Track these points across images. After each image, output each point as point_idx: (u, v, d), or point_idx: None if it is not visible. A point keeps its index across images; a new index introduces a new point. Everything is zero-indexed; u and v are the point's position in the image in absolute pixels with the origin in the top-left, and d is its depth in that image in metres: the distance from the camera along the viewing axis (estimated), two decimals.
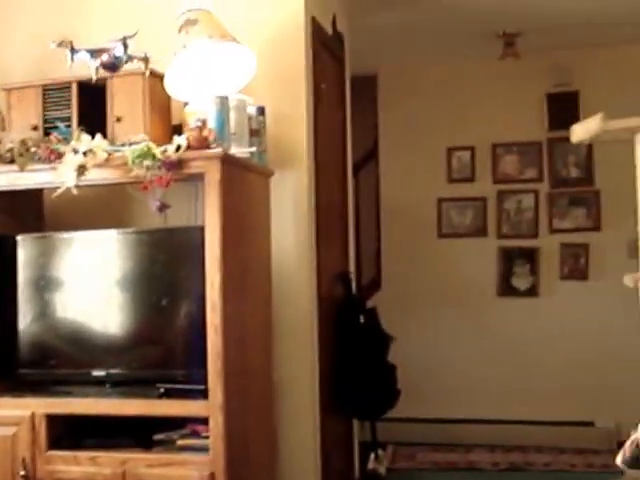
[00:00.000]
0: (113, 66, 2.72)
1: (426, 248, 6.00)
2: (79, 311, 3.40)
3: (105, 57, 2.65)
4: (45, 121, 3.42)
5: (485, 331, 5.85)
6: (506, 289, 5.89)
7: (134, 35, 3.14)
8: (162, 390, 3.14)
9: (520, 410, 5.65)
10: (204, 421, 3.06)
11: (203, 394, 3.03)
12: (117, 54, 2.74)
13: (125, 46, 3.05)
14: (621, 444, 4.84)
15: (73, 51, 3.02)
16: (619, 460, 2.35)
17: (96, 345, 3.34)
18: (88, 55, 3.00)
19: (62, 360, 3.37)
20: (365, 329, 4.35)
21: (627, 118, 3.10)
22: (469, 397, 5.78)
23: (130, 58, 3.16)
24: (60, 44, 3.17)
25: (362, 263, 5.99)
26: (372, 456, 4.81)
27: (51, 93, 3.43)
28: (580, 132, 3.24)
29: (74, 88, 3.39)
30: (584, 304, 5.73)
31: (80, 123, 3.31)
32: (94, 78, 3.17)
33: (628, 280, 2.92)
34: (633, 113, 3.18)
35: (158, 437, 3.19)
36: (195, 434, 3.16)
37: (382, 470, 4.82)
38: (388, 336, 4.45)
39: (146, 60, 3.18)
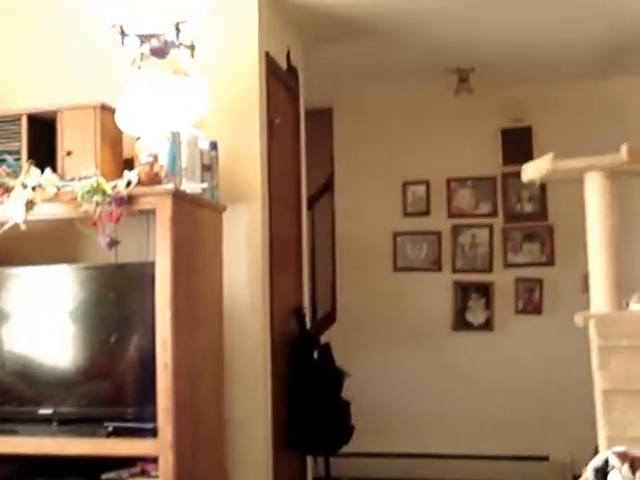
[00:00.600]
0: (162, 52, 2.69)
1: (381, 282, 6.04)
2: (27, 347, 3.37)
3: (155, 42, 2.60)
4: None
5: (440, 366, 5.88)
6: (461, 323, 5.94)
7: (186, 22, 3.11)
8: (110, 429, 3.12)
9: (475, 445, 5.68)
10: (154, 460, 3.05)
11: (153, 432, 3.02)
12: (168, 39, 2.70)
13: (178, 31, 3.01)
14: (576, 478, 4.88)
15: (123, 34, 2.99)
16: None
17: (44, 382, 3.31)
18: (138, 40, 2.96)
19: (8, 397, 3.33)
20: (319, 365, 4.36)
21: (576, 159, 3.18)
22: (424, 432, 5.79)
23: (180, 44, 3.11)
24: (113, 26, 3.13)
25: (317, 297, 6.02)
26: None
27: (0, 125, 3.43)
28: (531, 171, 3.32)
29: (24, 121, 3.40)
30: (538, 339, 5.79)
31: (30, 156, 3.31)
32: (138, 63, 3.12)
33: (578, 318, 2.98)
34: (585, 149, 3.27)
35: (107, 476, 3.16)
36: (145, 473, 3.14)
37: None
38: (342, 372, 4.47)
39: (192, 47, 3.14)
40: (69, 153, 3.36)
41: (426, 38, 4.80)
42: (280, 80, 4.27)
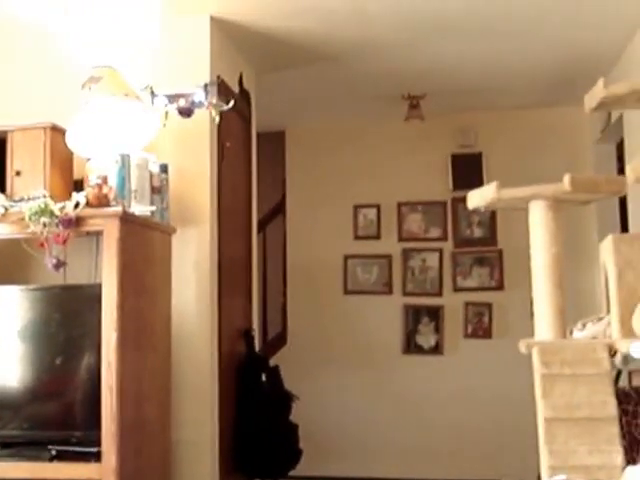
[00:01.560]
0: (189, 111, 2.71)
1: (332, 304, 6.08)
2: None
3: (182, 102, 2.62)
4: None
5: (390, 389, 5.92)
6: (411, 347, 5.99)
7: (217, 83, 3.09)
8: (54, 452, 3.11)
9: (424, 469, 5.71)
10: None
11: (97, 457, 3.02)
12: (196, 99, 2.71)
13: (206, 92, 3.02)
14: None
15: (153, 94, 2.99)
16: None
17: None
18: (166, 99, 2.97)
19: None
20: (267, 387, 4.38)
21: (519, 187, 3.26)
22: (373, 456, 5.82)
23: (208, 104, 3.12)
24: (145, 88, 3.14)
25: (268, 318, 6.05)
26: None
27: None
28: (476, 199, 3.38)
29: None
30: (488, 362, 5.85)
31: None
32: (164, 122, 3.10)
33: (522, 346, 3.04)
34: (533, 174, 3.36)
35: None
36: None
37: None
38: (290, 395, 4.48)
39: (220, 106, 3.09)
40: (18, 173, 3.37)
41: (378, 65, 4.87)
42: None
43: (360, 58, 4.72)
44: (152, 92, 3.15)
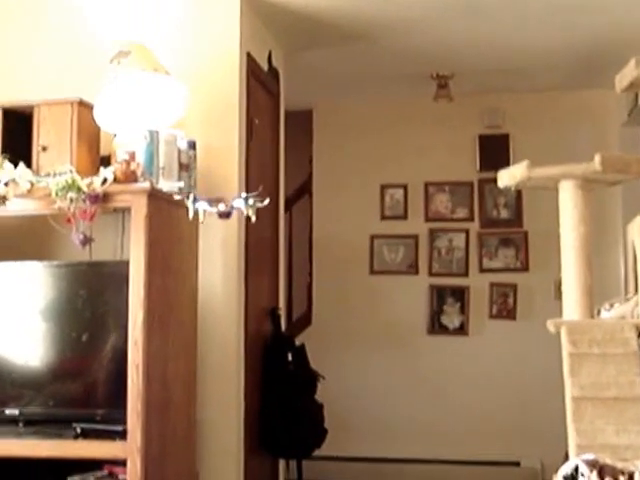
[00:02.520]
0: (228, 214, 2.70)
1: (358, 284, 5.97)
2: None
3: (222, 207, 2.60)
4: None
5: (414, 369, 5.82)
6: (436, 327, 5.89)
7: (258, 193, 2.98)
8: (78, 430, 3.02)
9: (447, 449, 5.62)
10: (122, 463, 2.95)
11: (122, 435, 2.93)
12: (235, 205, 2.68)
13: (246, 200, 2.92)
14: None
15: (195, 200, 2.91)
16: None
17: (10, 381, 3.20)
18: (206, 204, 2.90)
19: None
20: (293, 367, 4.28)
21: (550, 167, 3.15)
22: (397, 436, 5.73)
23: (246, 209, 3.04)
24: (180, 191, 3.14)
25: (293, 298, 5.95)
26: None
27: None
28: (506, 178, 3.27)
29: None
30: (512, 343, 5.75)
31: (3, 151, 3.20)
32: (201, 219, 3.09)
33: (550, 325, 2.94)
34: (560, 157, 3.23)
35: (73, 479, 3.06)
36: (112, 476, 3.05)
37: None
38: (316, 374, 4.39)
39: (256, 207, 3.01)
40: (44, 149, 3.26)
41: (407, 44, 4.74)
42: (260, 81, 4.19)
43: (389, 37, 4.58)
44: (195, 198, 3.06)
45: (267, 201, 3.01)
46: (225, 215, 2.61)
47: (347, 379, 5.71)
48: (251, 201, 2.52)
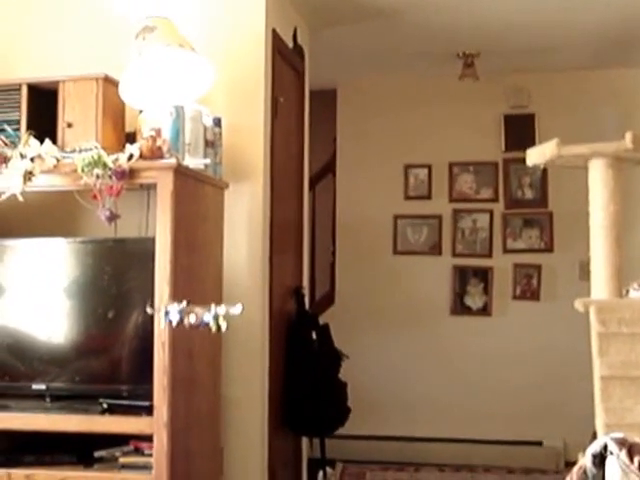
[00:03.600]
0: (198, 327, 2.66)
1: (381, 264, 5.93)
2: (21, 321, 3.26)
3: (193, 318, 2.55)
4: None
5: (437, 349, 5.79)
6: (459, 308, 5.84)
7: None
8: (105, 406, 3.02)
9: (469, 429, 5.60)
10: (148, 438, 2.95)
11: (148, 410, 2.92)
12: (205, 320, 2.63)
13: (215, 316, 2.81)
14: (569, 464, 4.83)
15: (167, 314, 2.84)
16: None
17: (37, 357, 3.20)
18: (178, 316, 2.83)
19: (0, 372, 3.21)
20: (317, 345, 4.26)
21: (581, 145, 3.10)
22: (419, 415, 5.71)
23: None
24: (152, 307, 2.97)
25: (316, 278, 5.92)
26: (320, 474, 4.72)
27: None
28: (535, 156, 3.23)
29: (24, 90, 3.26)
30: (535, 325, 5.71)
31: (29, 127, 3.18)
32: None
33: (579, 304, 2.91)
34: (586, 137, 3.18)
35: (99, 454, 3.07)
36: (138, 451, 3.05)
37: None
38: (340, 353, 4.37)
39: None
40: (70, 125, 3.23)
41: (433, 22, 4.67)
42: (286, 59, 4.14)
43: (416, 14, 4.52)
44: (166, 312, 2.72)
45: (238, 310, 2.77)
46: (196, 327, 2.56)
47: (370, 359, 5.69)
48: (220, 316, 2.43)
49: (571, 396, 5.35)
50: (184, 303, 2.55)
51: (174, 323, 2.60)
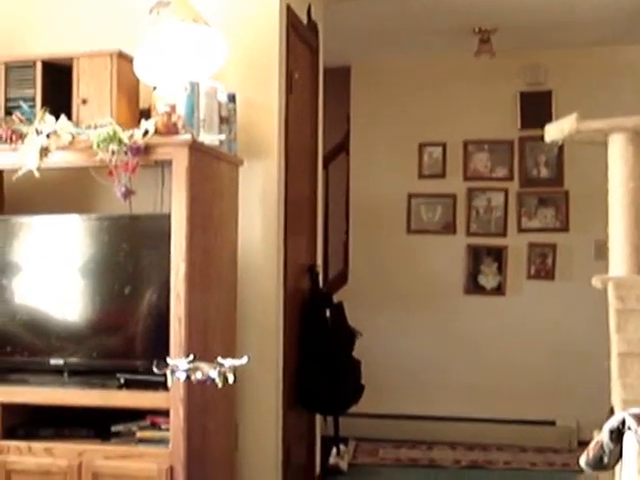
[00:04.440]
0: (204, 382, 2.67)
1: (394, 243, 5.94)
2: (38, 297, 3.30)
3: (199, 375, 2.55)
4: (7, 100, 3.30)
5: (451, 329, 5.81)
6: (473, 287, 5.86)
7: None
8: (122, 381, 3.06)
9: (482, 408, 5.63)
10: (164, 413, 2.99)
11: (164, 386, 2.95)
12: (212, 376, 2.63)
13: (220, 373, 2.78)
14: (581, 443, 4.85)
15: (173, 372, 2.81)
16: (582, 461, 2.31)
17: (55, 333, 3.24)
18: (184, 374, 2.80)
19: (19, 347, 3.26)
20: (331, 323, 4.29)
21: (600, 119, 3.09)
22: (432, 394, 5.74)
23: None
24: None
25: (329, 257, 5.94)
26: (334, 451, 4.76)
27: (14, 71, 3.31)
28: (554, 132, 3.22)
29: (38, 67, 3.29)
30: (550, 304, 5.72)
31: (44, 104, 3.20)
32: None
33: (596, 281, 2.91)
34: (604, 114, 3.17)
35: (116, 428, 3.11)
36: (155, 426, 3.09)
37: (343, 465, 4.78)
38: (354, 331, 4.40)
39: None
40: (84, 101, 3.25)
41: None
42: (300, 35, 4.15)
43: None
44: (172, 371, 2.63)
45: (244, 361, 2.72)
46: (202, 382, 2.58)
47: (383, 338, 5.71)
48: (226, 370, 2.45)
49: (584, 376, 5.37)
50: (190, 358, 2.58)
51: (181, 380, 2.61)
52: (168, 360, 2.56)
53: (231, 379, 2.47)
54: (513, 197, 5.81)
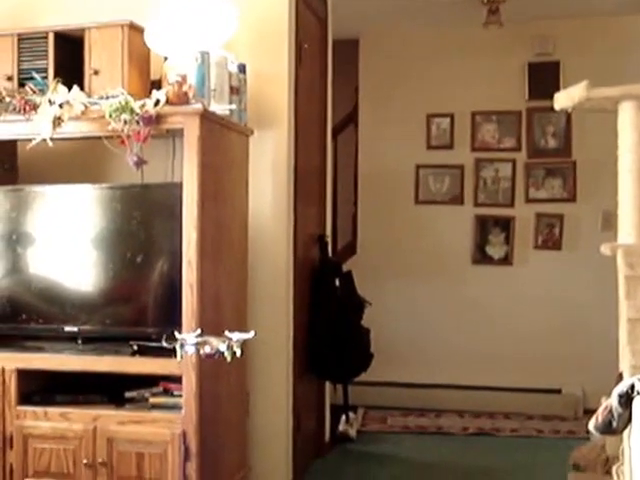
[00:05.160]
0: (212, 356, 2.66)
1: (403, 214, 5.93)
2: (52, 266, 3.32)
3: (208, 349, 2.53)
4: (20, 71, 3.30)
5: (458, 298, 5.81)
6: (480, 257, 5.85)
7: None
8: (135, 347, 3.08)
9: (489, 377, 5.64)
10: (177, 379, 3.01)
11: (176, 352, 2.97)
12: (220, 349, 2.61)
13: (229, 346, 2.76)
14: (587, 411, 4.86)
15: (182, 346, 2.79)
16: (591, 425, 2.32)
17: (69, 301, 3.27)
18: (192, 347, 2.80)
19: (34, 315, 3.28)
20: (340, 292, 4.30)
21: (610, 87, 3.07)
22: (441, 363, 5.76)
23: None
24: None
25: (338, 228, 5.93)
26: (343, 419, 4.79)
27: (27, 43, 3.31)
28: (563, 99, 3.19)
29: (51, 38, 3.28)
30: (556, 274, 5.71)
31: (56, 75, 3.20)
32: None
33: (606, 249, 2.90)
34: (612, 84, 3.15)
35: (130, 394, 3.14)
36: (167, 392, 3.12)
37: (352, 432, 4.81)
38: (363, 300, 4.41)
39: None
40: (96, 72, 3.25)
41: None
42: (309, 6, 4.12)
43: None
44: (182, 344, 2.63)
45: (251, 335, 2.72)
46: (211, 356, 2.56)
47: (391, 307, 5.72)
48: (234, 345, 2.44)
49: (590, 345, 5.38)
50: (199, 332, 2.59)
51: (189, 354, 2.61)
52: (177, 334, 2.55)
53: (239, 352, 2.48)
54: (521, 168, 5.79)
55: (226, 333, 2.51)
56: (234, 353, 2.48)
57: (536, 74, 5.67)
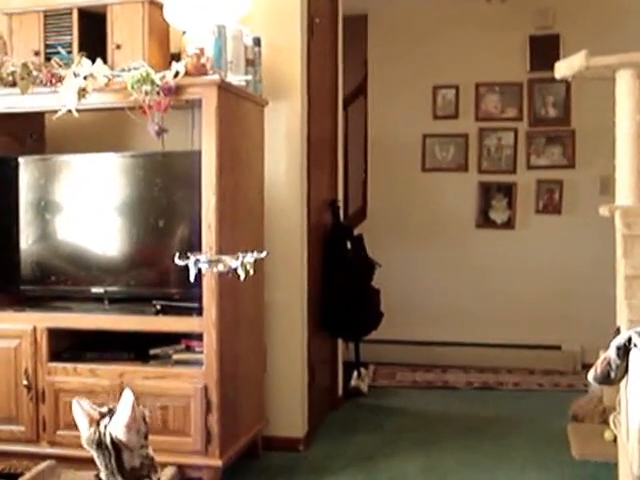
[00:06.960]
0: (227, 274, 2.60)
1: (410, 181, 5.90)
2: (78, 231, 3.31)
3: (221, 267, 2.48)
4: (46, 46, 3.28)
5: (463, 261, 5.79)
6: (484, 221, 5.82)
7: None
8: (158, 307, 3.08)
9: (493, 334, 5.63)
10: (198, 337, 3.02)
11: (198, 312, 2.98)
12: (233, 267, 2.55)
13: (242, 263, 2.71)
14: (585, 366, 4.85)
15: (195, 264, 2.74)
16: (590, 376, 2.31)
17: (95, 264, 3.27)
18: (206, 264, 2.75)
19: (62, 277, 3.29)
20: (352, 255, 4.28)
21: (609, 55, 3.02)
22: (447, 321, 5.75)
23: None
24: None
25: (349, 194, 5.91)
26: (355, 374, 4.79)
27: (52, 19, 3.29)
28: (564, 68, 3.15)
29: (75, 14, 3.25)
30: (556, 237, 5.68)
31: (80, 49, 3.18)
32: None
33: (604, 210, 2.88)
34: (611, 54, 3.09)
35: (154, 351, 3.15)
36: (189, 349, 3.12)
37: (364, 387, 4.81)
38: (373, 262, 4.39)
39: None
40: (118, 47, 3.21)
41: None
42: None
43: None
44: (196, 260, 2.58)
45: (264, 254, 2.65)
46: (225, 274, 2.51)
47: (400, 270, 5.70)
48: (248, 263, 2.37)
49: (588, 304, 5.36)
50: (213, 251, 2.54)
51: (204, 271, 2.54)
52: (189, 254, 2.45)
53: (251, 271, 2.40)
54: (522, 136, 5.72)
55: (239, 253, 2.45)
56: (247, 272, 2.40)
57: (537, 47, 5.59)
